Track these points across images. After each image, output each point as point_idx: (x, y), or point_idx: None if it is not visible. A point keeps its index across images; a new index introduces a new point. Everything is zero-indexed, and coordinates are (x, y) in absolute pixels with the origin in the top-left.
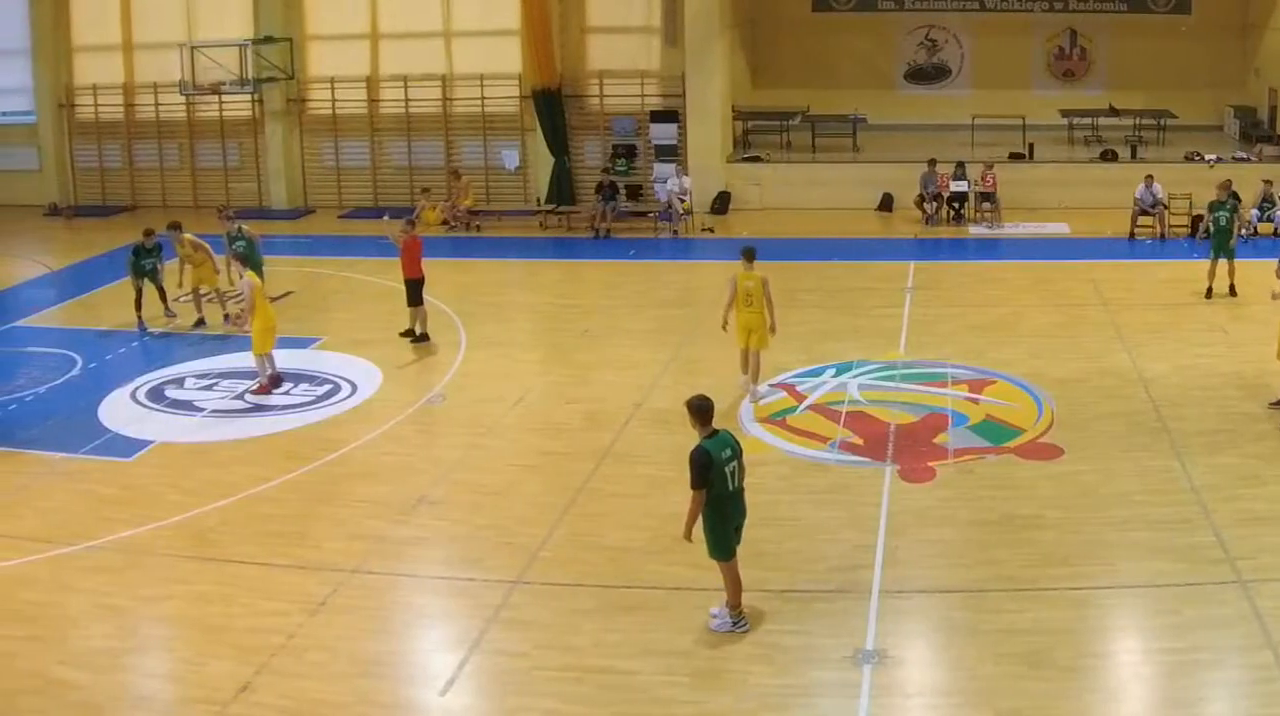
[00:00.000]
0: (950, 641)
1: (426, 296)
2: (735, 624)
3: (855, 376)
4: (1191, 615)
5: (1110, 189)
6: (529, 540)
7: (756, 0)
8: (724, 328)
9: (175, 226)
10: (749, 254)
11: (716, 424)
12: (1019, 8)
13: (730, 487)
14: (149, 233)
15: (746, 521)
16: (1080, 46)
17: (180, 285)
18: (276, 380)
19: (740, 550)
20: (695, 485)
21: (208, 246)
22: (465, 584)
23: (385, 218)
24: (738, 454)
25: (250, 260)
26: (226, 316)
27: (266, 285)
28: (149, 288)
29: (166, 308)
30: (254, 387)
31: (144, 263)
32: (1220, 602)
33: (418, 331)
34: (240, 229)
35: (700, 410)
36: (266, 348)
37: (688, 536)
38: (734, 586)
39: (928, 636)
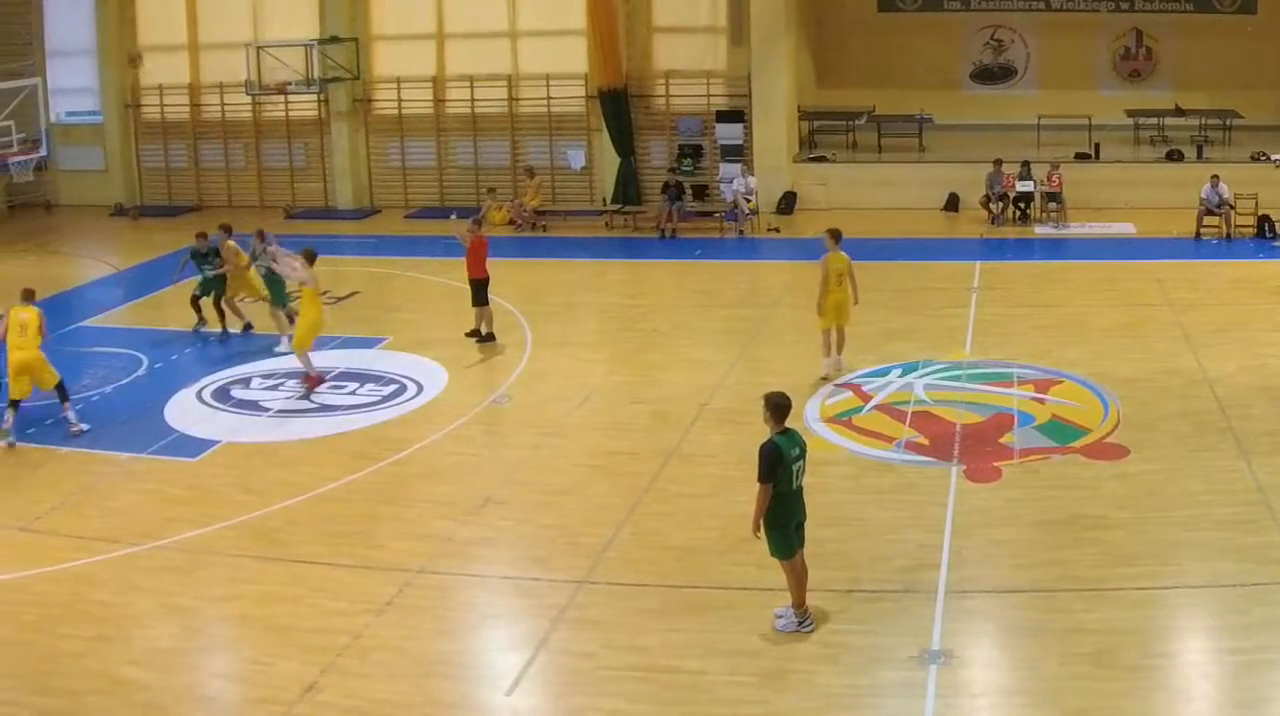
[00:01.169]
0: (1016, 641)
1: (492, 296)
2: (800, 623)
3: (921, 376)
4: (1259, 615)
5: (1176, 189)
6: (595, 540)
7: (822, 0)
8: (820, 312)
9: (226, 229)
10: (836, 234)
11: (792, 422)
12: (1085, 8)
13: (793, 486)
14: (202, 235)
15: (809, 521)
16: (1146, 46)
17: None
18: (317, 380)
19: (806, 549)
20: (763, 478)
21: (246, 257)
22: (531, 584)
23: (452, 217)
24: (804, 455)
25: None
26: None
27: (333, 285)
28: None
29: (200, 319)
30: (302, 384)
31: (203, 268)
32: None
33: (483, 331)
34: (266, 250)
35: (778, 407)
36: (308, 344)
37: (756, 531)
38: (798, 585)
39: (994, 636)
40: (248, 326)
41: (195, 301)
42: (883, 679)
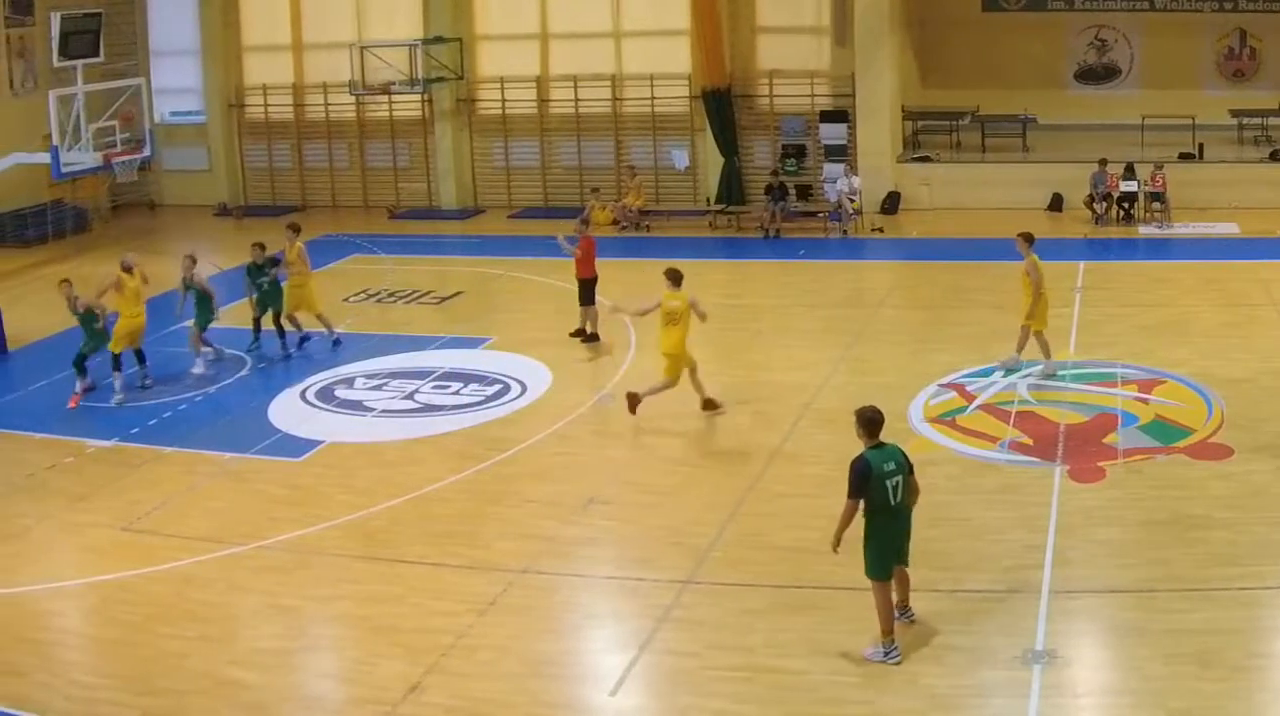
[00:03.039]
0: (1120, 641)
1: (597, 296)
2: (887, 654)
3: (1025, 376)
4: None
5: None
6: (699, 540)
7: (926, 0)
8: (1034, 315)
9: (294, 229)
10: (1029, 238)
11: (887, 421)
12: (1188, 7)
13: (892, 502)
14: (258, 246)
15: (913, 526)
16: (1250, 46)
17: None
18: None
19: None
20: (851, 494)
21: (308, 264)
22: (635, 584)
23: (560, 239)
24: (903, 470)
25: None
26: (336, 341)
27: (437, 285)
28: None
29: (284, 343)
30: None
31: (259, 282)
32: None
33: (588, 330)
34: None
35: (869, 422)
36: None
37: (835, 546)
38: (884, 612)
39: (1098, 636)
40: (338, 340)
41: (257, 322)
42: (987, 679)
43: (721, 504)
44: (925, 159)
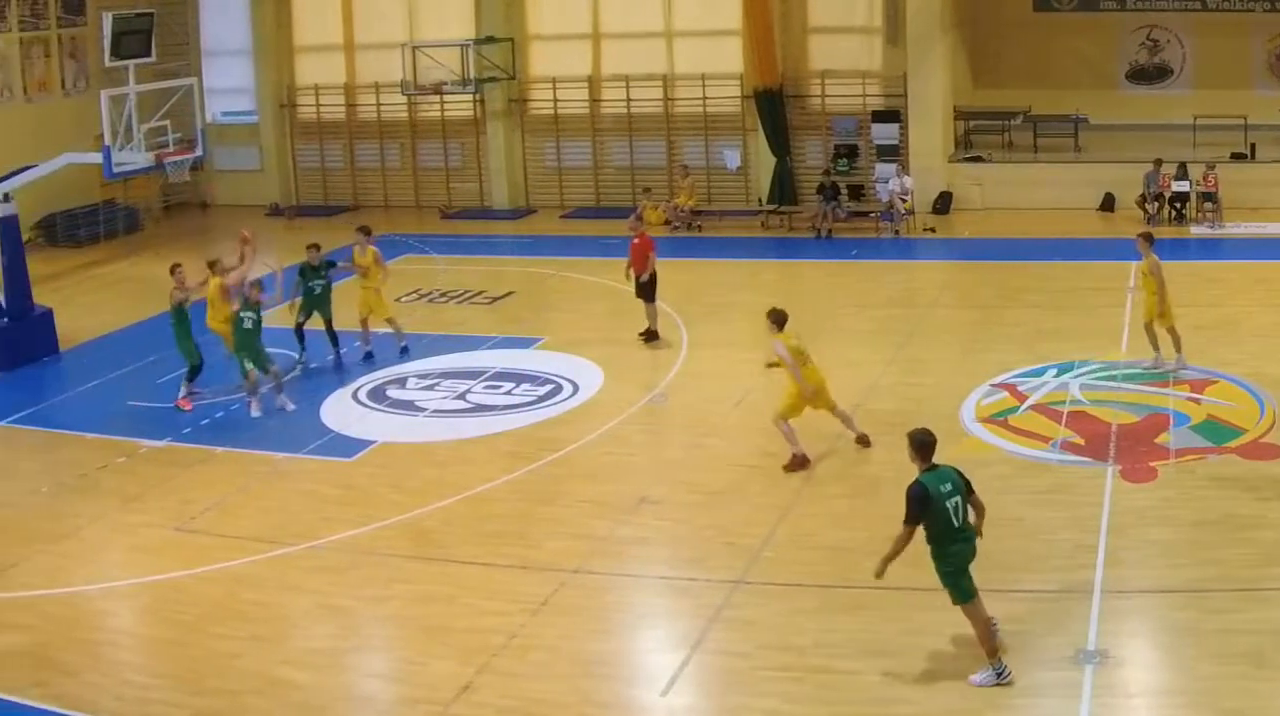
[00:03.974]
0: (1172, 641)
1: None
2: (999, 675)
3: (1077, 376)
4: None
5: None
6: (750, 540)
7: (978, 0)
8: (1164, 312)
9: (364, 231)
10: (1149, 238)
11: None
12: (1240, 7)
13: (955, 523)
14: (313, 247)
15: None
16: None
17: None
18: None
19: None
20: (908, 520)
21: (387, 268)
22: (687, 584)
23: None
24: (960, 490)
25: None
26: (404, 348)
27: (489, 285)
28: (316, 318)
29: (337, 352)
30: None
31: (312, 284)
32: None
33: (650, 328)
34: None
35: (922, 445)
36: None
37: (880, 573)
38: (983, 633)
39: (1149, 636)
40: (368, 355)
41: (300, 328)
42: (1038, 679)
43: (772, 504)
44: (977, 159)
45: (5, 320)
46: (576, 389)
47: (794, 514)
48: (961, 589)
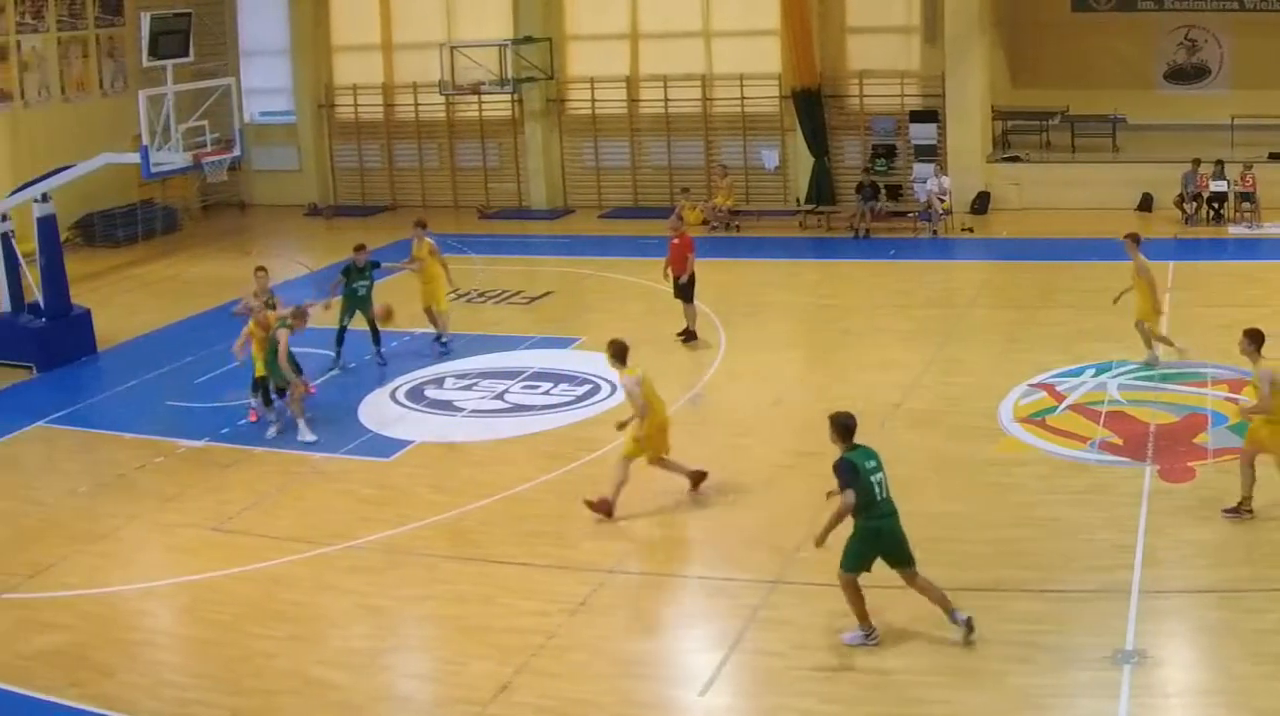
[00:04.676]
0: (1210, 641)
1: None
2: (867, 636)
3: (1115, 376)
4: None
5: None
6: (787, 540)
7: (1015, 0)
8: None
9: (421, 224)
10: (1136, 238)
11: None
12: (1279, 8)
13: (878, 497)
14: (360, 248)
15: (1008, 524)
16: None
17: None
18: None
19: (997, 549)
20: (843, 487)
21: (444, 261)
22: (724, 584)
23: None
24: (882, 467)
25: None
26: (442, 341)
27: (526, 285)
28: (359, 319)
29: (379, 351)
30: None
31: (356, 286)
32: None
33: (689, 328)
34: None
35: (844, 427)
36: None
37: (820, 542)
38: (856, 604)
39: (1187, 636)
40: (439, 338)
41: (343, 331)
42: (1076, 679)
43: (810, 504)
44: (1015, 159)
45: (43, 320)
46: (614, 389)
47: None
48: (858, 560)
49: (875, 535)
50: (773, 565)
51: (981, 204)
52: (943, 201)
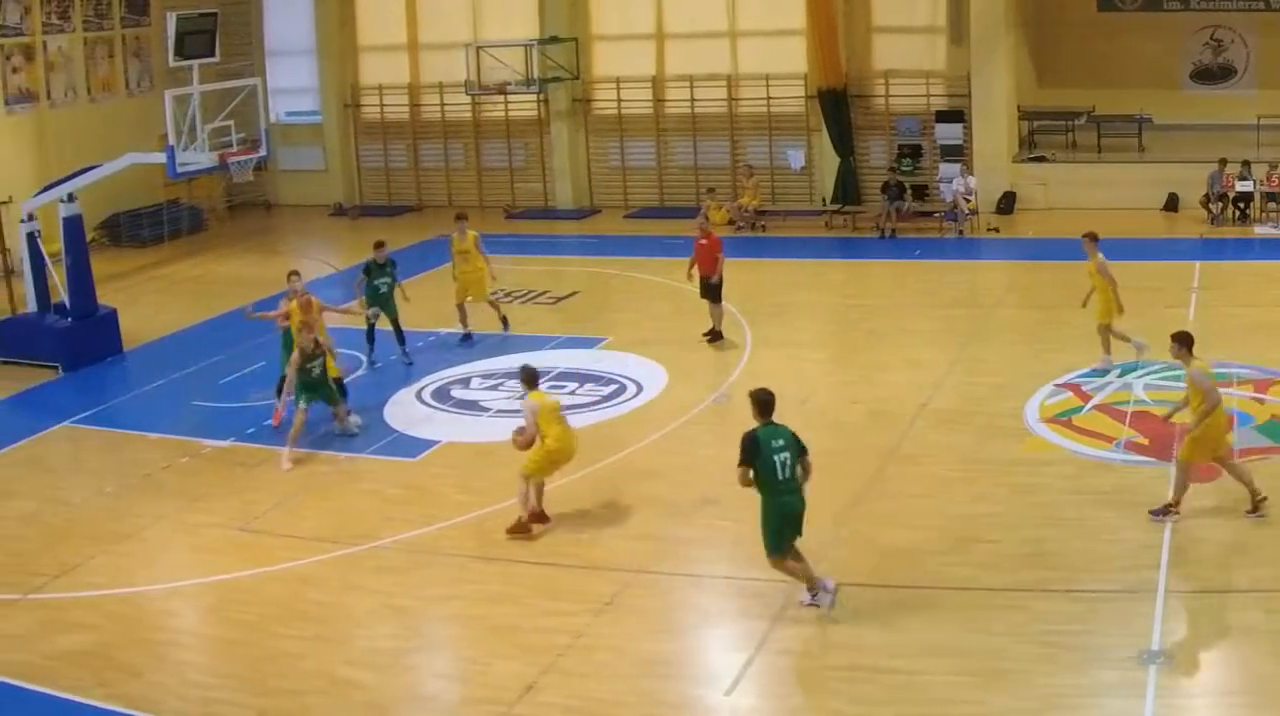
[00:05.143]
0: (1236, 641)
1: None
2: (815, 596)
3: (1140, 376)
4: None
5: None
6: (814, 540)
7: (1041, 0)
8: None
9: (462, 217)
10: (1094, 237)
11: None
12: None
13: (780, 476)
14: (380, 245)
15: (1034, 527)
16: None
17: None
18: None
19: (1023, 549)
20: (741, 461)
21: (488, 258)
22: (749, 583)
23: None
24: (792, 447)
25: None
26: (504, 321)
27: (552, 285)
28: (382, 319)
29: (403, 350)
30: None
31: (377, 283)
32: None
33: (717, 330)
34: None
35: (762, 403)
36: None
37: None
38: (797, 571)
39: (1213, 636)
40: (466, 336)
41: (372, 329)
42: (1101, 679)
43: (837, 503)
44: (1041, 159)
45: (69, 320)
46: (640, 389)
47: (858, 513)
48: (778, 542)
49: (783, 511)
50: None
51: (1007, 204)
52: (968, 201)
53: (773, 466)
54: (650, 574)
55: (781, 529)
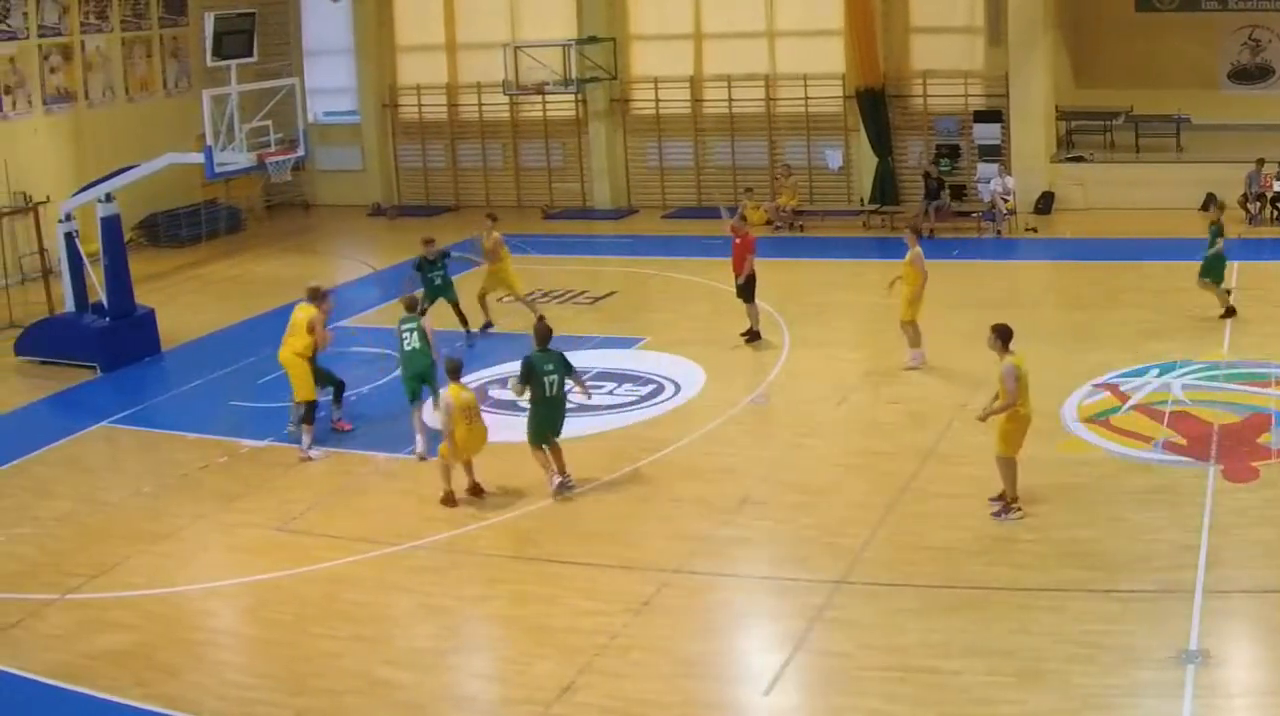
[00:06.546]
0: (1275, 641)
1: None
2: (561, 485)
3: (1179, 376)
4: None
5: None
6: (852, 540)
7: (1079, 0)
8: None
9: (491, 217)
10: (918, 231)
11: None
12: None
13: (548, 393)
14: (429, 241)
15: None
16: None
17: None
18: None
19: (1061, 548)
20: (519, 381)
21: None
22: (788, 584)
23: (723, 213)
24: (561, 368)
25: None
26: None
27: (590, 285)
28: (442, 306)
29: (468, 331)
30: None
31: (431, 276)
32: None
33: (755, 329)
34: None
35: (540, 334)
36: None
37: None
38: (546, 463)
39: (1252, 636)
40: (487, 325)
41: (458, 310)
42: (1139, 679)
43: (875, 504)
44: (1079, 159)
45: (108, 320)
46: (678, 389)
47: (896, 513)
48: (537, 438)
49: (546, 417)
50: (837, 565)
51: (1045, 204)
52: (1006, 201)
53: (543, 385)
54: (688, 573)
55: (541, 428)
